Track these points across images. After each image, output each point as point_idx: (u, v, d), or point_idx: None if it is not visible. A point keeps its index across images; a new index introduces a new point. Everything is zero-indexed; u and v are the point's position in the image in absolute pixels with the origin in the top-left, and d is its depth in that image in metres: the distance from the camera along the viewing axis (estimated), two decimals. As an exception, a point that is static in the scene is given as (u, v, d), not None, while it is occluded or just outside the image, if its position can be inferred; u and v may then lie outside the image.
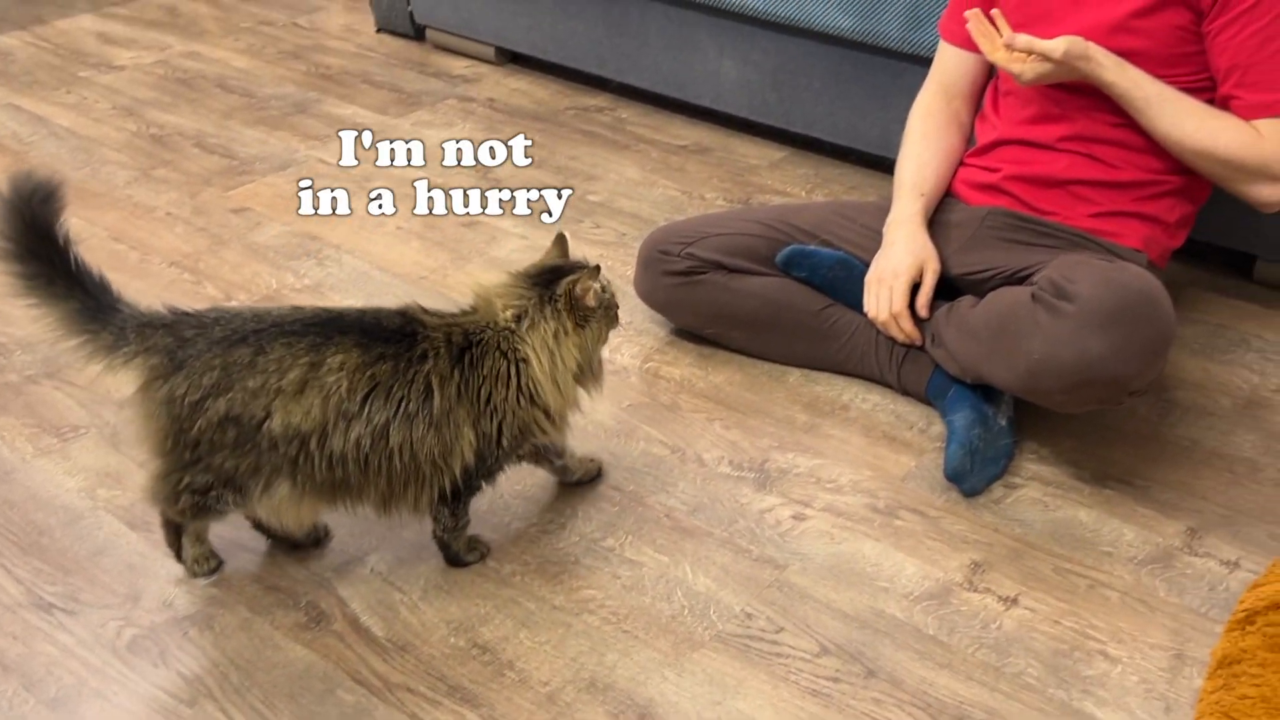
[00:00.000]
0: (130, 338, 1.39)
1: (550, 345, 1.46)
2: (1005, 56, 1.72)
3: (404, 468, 1.42)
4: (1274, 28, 1.63)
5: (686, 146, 2.67)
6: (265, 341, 1.38)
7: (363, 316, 1.44)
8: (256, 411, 1.37)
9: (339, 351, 1.38)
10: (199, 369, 1.37)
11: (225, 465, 1.40)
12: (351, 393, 1.38)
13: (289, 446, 1.39)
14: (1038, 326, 1.57)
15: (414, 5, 3.14)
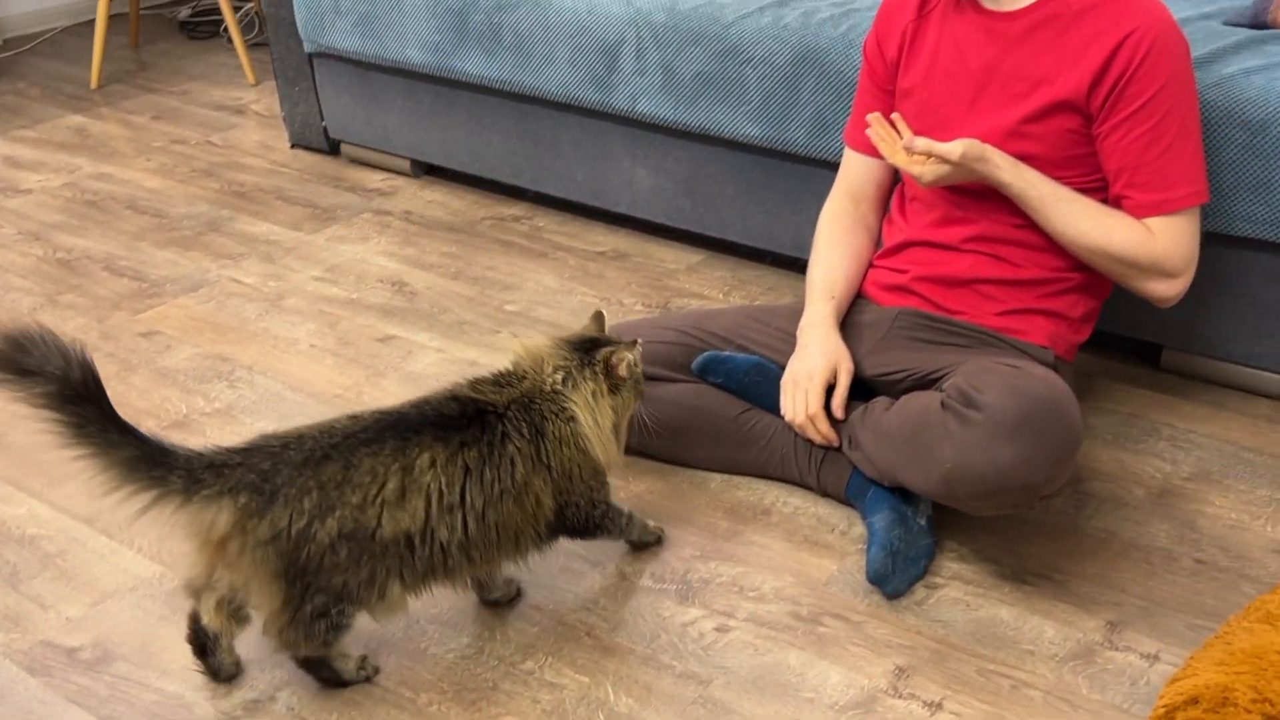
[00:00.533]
0: (206, 478, 1.35)
1: (590, 403, 1.55)
2: (905, 159, 1.76)
3: (501, 538, 1.50)
4: (1159, 130, 1.69)
5: (604, 253, 2.69)
6: (349, 455, 1.40)
7: (424, 411, 1.48)
8: (368, 524, 1.40)
9: (423, 450, 1.43)
10: (295, 494, 1.37)
11: (341, 582, 1.41)
12: (450, 486, 1.44)
13: (399, 548, 1.42)
14: (948, 435, 1.59)
15: (328, 120, 3.16)
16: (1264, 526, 1.80)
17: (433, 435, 1.44)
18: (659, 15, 2.44)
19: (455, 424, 1.47)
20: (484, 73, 2.72)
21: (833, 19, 2.29)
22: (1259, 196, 1.92)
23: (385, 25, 2.83)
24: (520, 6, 2.61)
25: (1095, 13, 1.70)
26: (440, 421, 1.46)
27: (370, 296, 2.53)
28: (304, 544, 1.36)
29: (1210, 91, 1.92)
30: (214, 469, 1.37)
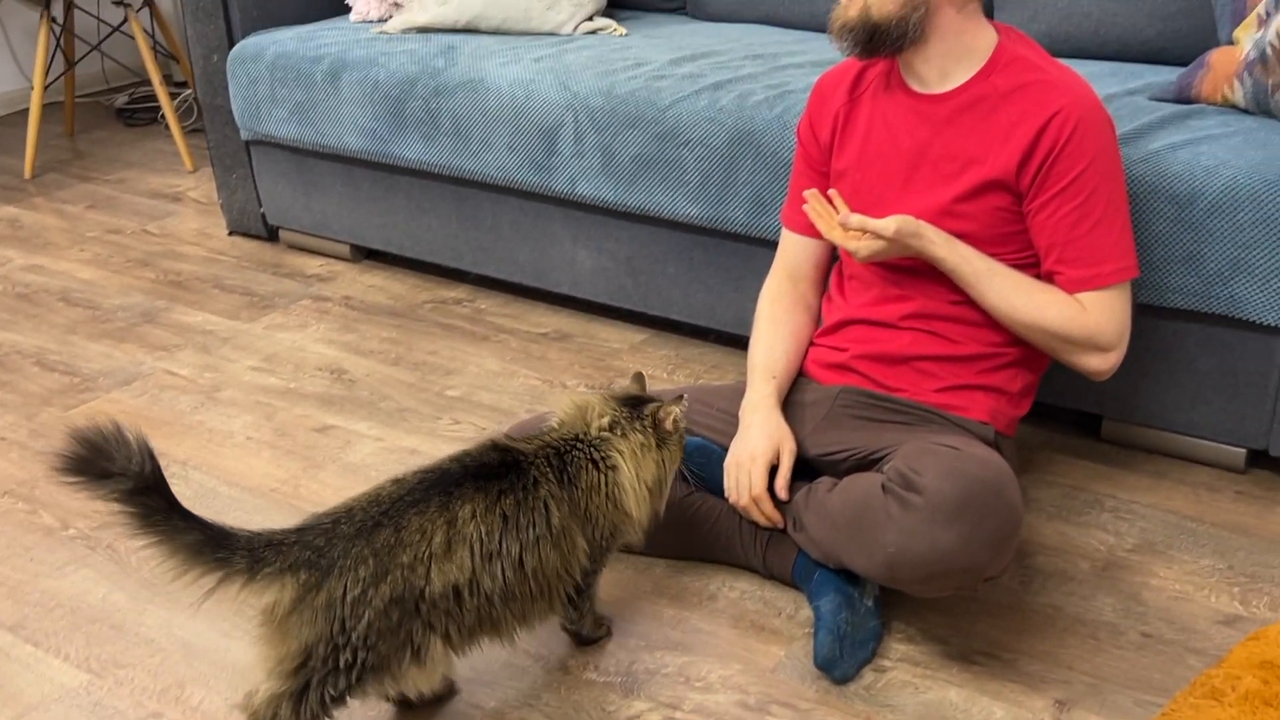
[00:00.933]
0: (268, 556, 1.39)
1: (637, 454, 1.58)
2: (841, 235, 1.78)
3: (538, 587, 1.51)
4: (1086, 207, 1.72)
5: (547, 334, 2.68)
6: (398, 518, 1.43)
7: (464, 464, 1.51)
8: (417, 583, 1.42)
9: (465, 502, 1.46)
10: (351, 564, 1.40)
11: (381, 650, 1.41)
12: (490, 534, 1.46)
13: (448, 603, 1.44)
14: (890, 519, 1.58)
15: (266, 207, 3.14)
16: (1208, 597, 1.80)
17: (474, 486, 1.48)
18: (596, 99, 2.46)
19: (495, 472, 1.51)
20: (423, 157, 2.72)
21: (767, 101, 2.32)
22: (1189, 269, 1.95)
23: (322, 113, 2.83)
24: (457, 93, 2.62)
25: (1021, 94, 1.74)
26: (480, 472, 1.50)
27: (308, 385, 2.50)
28: (362, 610, 1.39)
29: (1137, 167, 1.96)
30: (273, 547, 1.40)
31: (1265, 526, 1.96)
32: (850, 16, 1.74)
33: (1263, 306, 1.92)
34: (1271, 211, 1.87)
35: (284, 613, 1.39)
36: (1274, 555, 1.89)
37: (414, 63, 2.70)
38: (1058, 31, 2.52)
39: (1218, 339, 2.00)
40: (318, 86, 2.81)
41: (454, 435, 2.29)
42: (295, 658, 1.39)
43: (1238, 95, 2.11)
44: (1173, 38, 2.42)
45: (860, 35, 1.74)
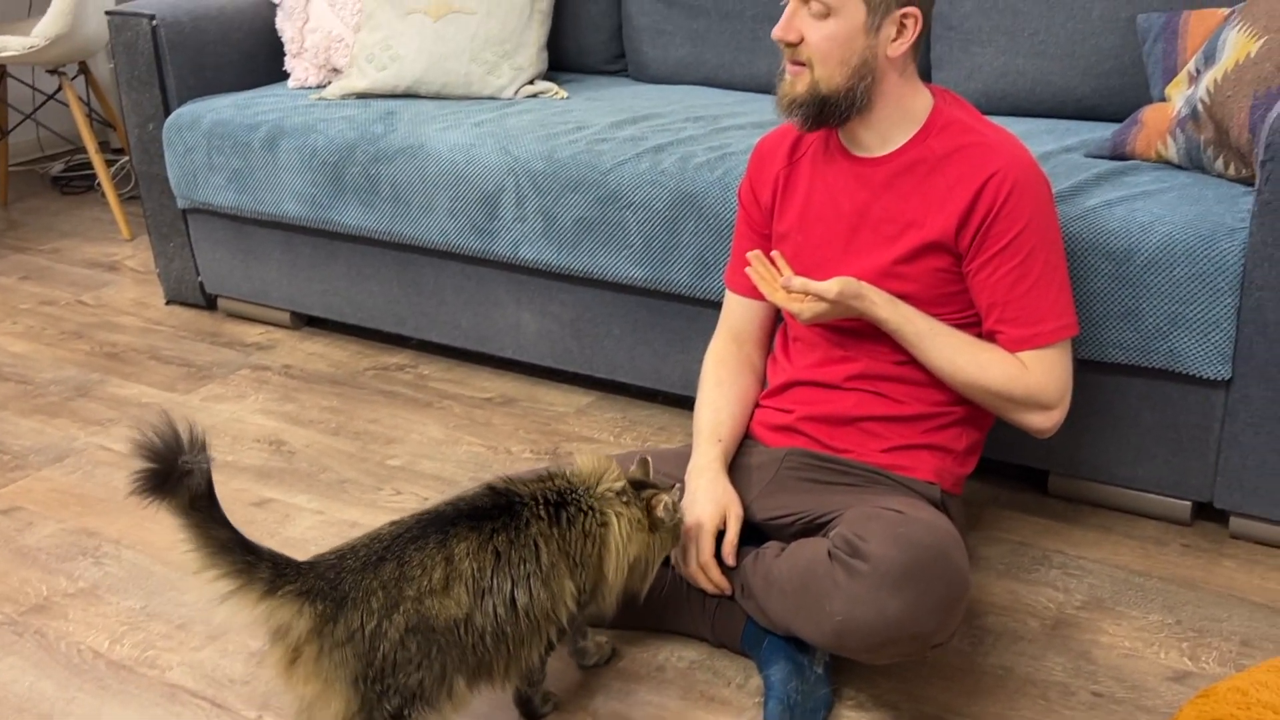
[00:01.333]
0: (289, 575, 1.41)
1: (629, 526, 1.61)
2: (784, 297, 1.77)
3: (528, 627, 1.52)
4: (1025, 267, 1.72)
5: (491, 399, 2.65)
6: (400, 553, 1.46)
7: (459, 506, 1.54)
8: (427, 614, 1.44)
9: (460, 540, 1.49)
10: (362, 596, 1.42)
11: (418, 681, 1.44)
12: (482, 571, 1.48)
13: (454, 638, 1.46)
14: (837, 587, 1.56)
15: (204, 275, 3.10)
16: (1157, 654, 1.79)
17: (468, 525, 1.51)
18: (537, 163, 2.45)
19: (488, 513, 1.54)
20: (363, 224, 2.70)
21: (709, 163, 2.32)
22: (1128, 324, 1.97)
23: (260, 180, 2.80)
24: (397, 158, 2.61)
25: (958, 156, 1.75)
26: (474, 512, 1.53)
27: (246, 458, 2.44)
28: (378, 643, 1.41)
29: (1075, 224, 1.97)
30: (294, 568, 1.43)
31: (1212, 579, 1.96)
32: (799, 92, 1.74)
33: (1201, 360, 1.93)
34: (1206, 266, 1.89)
35: (298, 640, 1.40)
36: (1221, 609, 1.89)
37: (353, 129, 2.69)
38: (994, 90, 2.55)
39: (1159, 393, 2.01)
40: (255, 154, 2.79)
41: (396, 506, 2.25)
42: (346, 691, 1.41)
43: (1171, 151, 2.14)
44: (1107, 95, 2.45)
45: (810, 109, 1.74)
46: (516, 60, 2.87)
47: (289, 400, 2.68)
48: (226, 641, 1.89)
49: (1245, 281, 1.88)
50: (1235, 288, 1.89)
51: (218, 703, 1.76)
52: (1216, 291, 1.90)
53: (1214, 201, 1.97)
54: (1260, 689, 1.47)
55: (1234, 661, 1.77)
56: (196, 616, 1.95)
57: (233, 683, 1.80)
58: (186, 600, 1.99)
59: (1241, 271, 1.88)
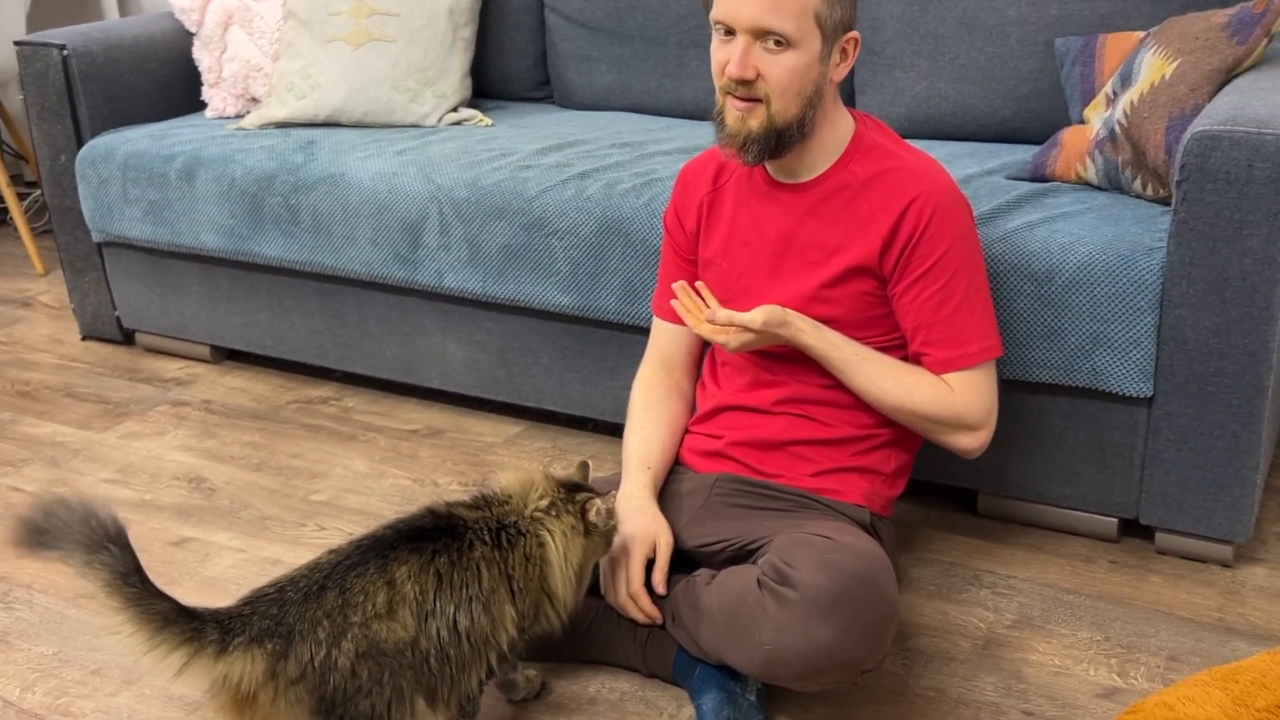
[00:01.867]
0: (235, 628, 1.39)
1: (566, 536, 1.60)
2: (710, 329, 1.76)
3: (469, 651, 1.52)
4: (948, 290, 1.73)
5: (418, 431, 2.61)
6: (341, 581, 1.45)
7: (398, 529, 1.53)
8: (376, 638, 1.43)
9: (401, 562, 1.48)
10: (309, 628, 1.41)
11: (365, 707, 1.42)
12: (424, 593, 1.48)
13: (406, 660, 1.45)
14: (766, 615, 1.55)
15: (121, 310, 3.03)
16: (1087, 671, 1.80)
17: (408, 548, 1.50)
18: (461, 191, 2.43)
19: (428, 534, 1.53)
20: (283, 255, 2.65)
21: (634, 189, 2.31)
22: (1051, 344, 1.98)
23: (177, 212, 2.74)
24: (317, 188, 2.57)
25: (879, 182, 1.75)
26: (413, 534, 1.52)
27: (165, 496, 2.38)
28: (329, 674, 1.40)
29: (997, 245, 1.99)
30: (237, 619, 1.40)
31: (1139, 595, 1.97)
32: (753, 128, 1.70)
33: (1123, 378, 1.95)
34: (1126, 286, 1.91)
35: (256, 685, 1.38)
36: (1149, 624, 1.90)
37: (272, 158, 2.64)
38: (917, 114, 2.58)
39: (1083, 411, 2.03)
40: (172, 185, 2.73)
41: (319, 542, 2.20)
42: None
43: (1090, 172, 2.17)
44: (1027, 118, 2.49)
45: (766, 144, 1.72)
46: (439, 87, 2.85)
47: (209, 436, 2.62)
48: (143, 686, 1.83)
49: (1164, 300, 1.91)
50: (1155, 306, 1.91)
51: (134, 750, 1.70)
52: (1136, 310, 1.92)
53: (1132, 222, 1.99)
54: (1187, 704, 1.48)
55: (1162, 676, 1.78)
56: (112, 661, 1.89)
57: (149, 729, 1.75)
58: (101, 645, 1.92)
59: (1160, 290, 1.90)
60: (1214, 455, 1.95)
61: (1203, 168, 1.82)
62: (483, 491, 1.64)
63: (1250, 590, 1.97)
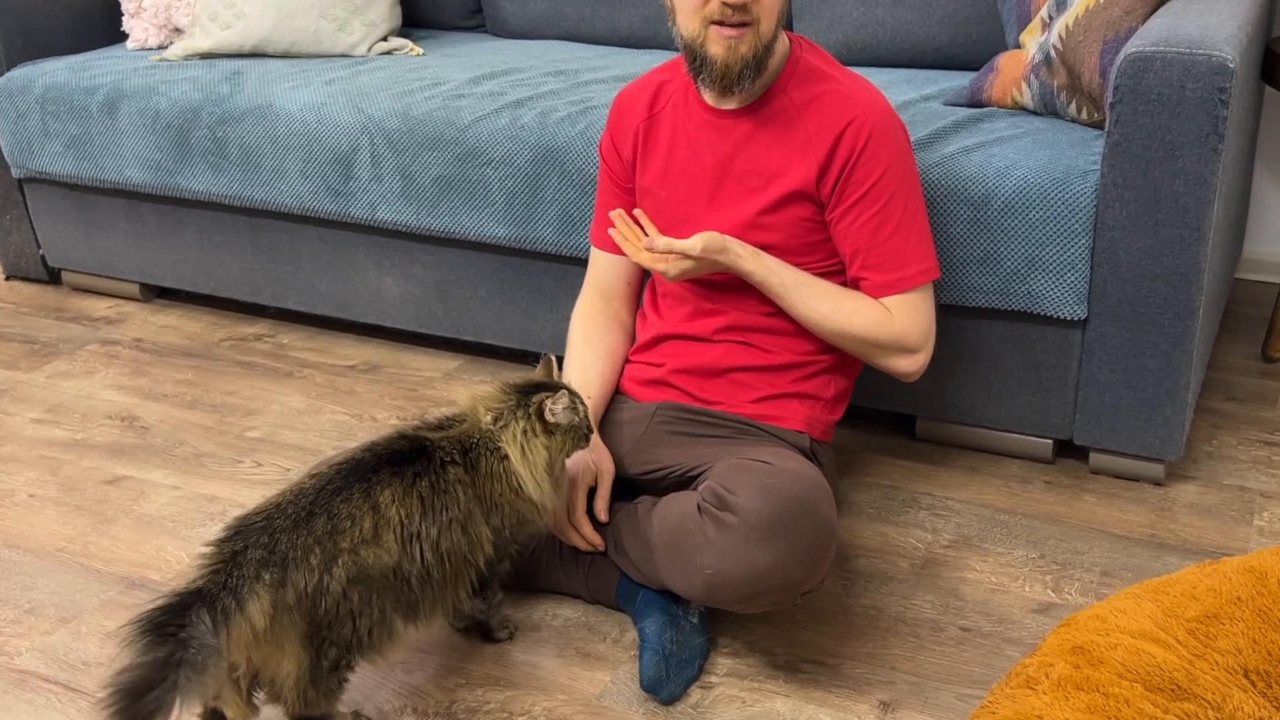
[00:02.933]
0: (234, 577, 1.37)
1: (520, 440, 1.58)
2: (649, 258, 1.75)
3: (451, 571, 1.54)
4: (886, 213, 1.73)
5: (354, 366, 2.58)
6: (328, 506, 1.46)
7: (377, 453, 1.53)
8: (365, 563, 1.45)
9: (384, 487, 1.49)
10: (301, 555, 1.42)
11: (351, 629, 1.45)
12: (409, 517, 1.49)
13: (391, 582, 1.48)
14: (707, 541, 1.55)
15: (46, 248, 2.95)
16: (1022, 587, 1.83)
17: (390, 472, 1.51)
18: (392, 121, 2.38)
19: (406, 458, 1.53)
20: (211, 189, 2.59)
21: (570, 117, 2.28)
22: (987, 268, 1.99)
23: (100, 146, 2.67)
24: (245, 120, 2.51)
25: (816, 105, 1.74)
26: (393, 458, 1.53)
27: (97, 435, 2.33)
28: (321, 599, 1.42)
29: (934, 171, 1.99)
30: (232, 565, 1.38)
31: (1074, 514, 2.01)
32: (744, 53, 1.68)
33: (1058, 301, 1.97)
34: (1060, 209, 1.92)
35: (267, 621, 1.38)
36: (1083, 542, 1.93)
37: (197, 90, 2.57)
38: (854, 41, 2.56)
39: (1019, 335, 2.05)
40: (94, 119, 2.65)
41: (257, 478, 2.17)
42: (298, 649, 1.42)
43: (1026, 97, 2.17)
44: (964, 43, 2.48)
45: (753, 67, 1.70)
46: (368, 16, 2.78)
47: (141, 375, 2.57)
48: (79, 624, 1.80)
49: (1098, 223, 1.92)
50: (1089, 229, 1.93)
51: (71, 687, 1.68)
52: (1071, 233, 1.93)
53: (1067, 145, 2.00)
54: (1118, 615, 1.51)
55: (1095, 591, 1.82)
56: (47, 600, 1.86)
57: (87, 665, 1.72)
58: (35, 585, 1.89)
59: (1094, 213, 1.92)
60: (1147, 376, 1.98)
61: (1136, 89, 1.82)
62: (443, 416, 1.64)
63: (1181, 507, 2.01)
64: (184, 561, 1.94)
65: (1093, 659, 1.43)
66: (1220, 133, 1.80)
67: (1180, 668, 1.42)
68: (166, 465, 2.23)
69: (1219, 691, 1.40)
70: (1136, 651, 1.43)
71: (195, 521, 2.05)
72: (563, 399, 1.60)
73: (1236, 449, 2.17)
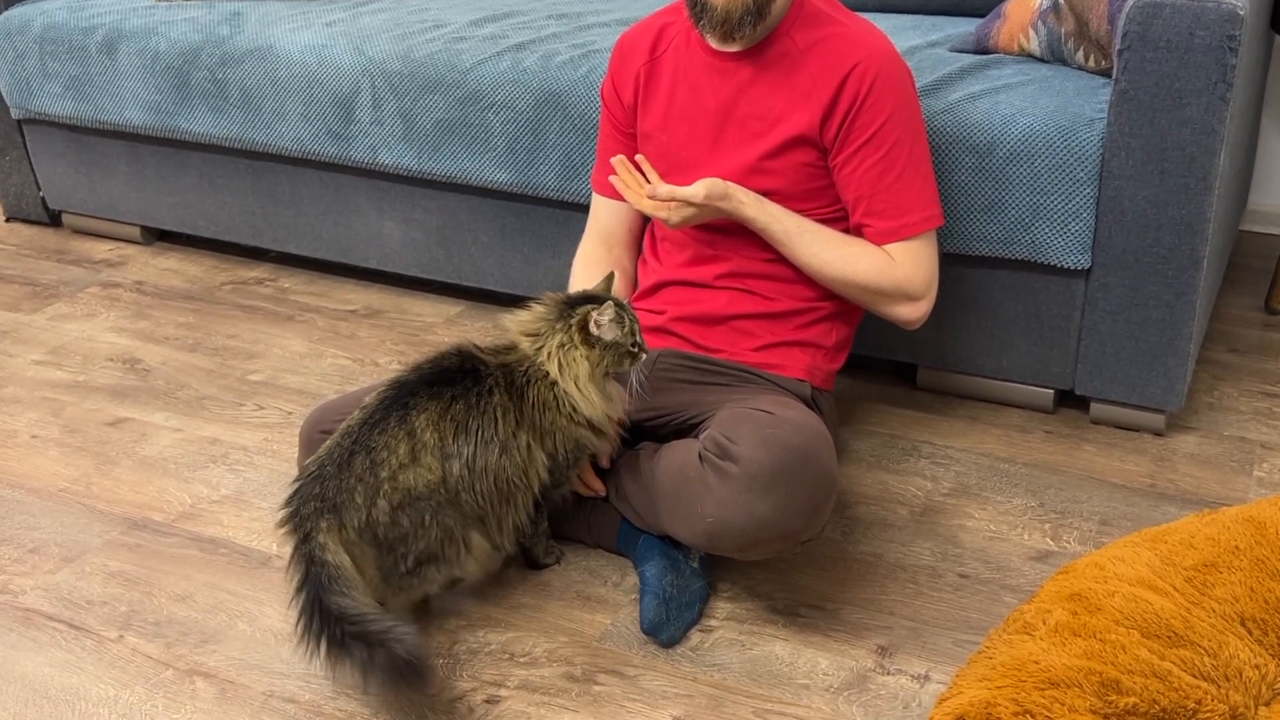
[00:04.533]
0: (305, 518, 1.51)
1: (558, 355, 1.60)
2: (651, 205, 1.74)
3: (496, 491, 1.59)
4: (890, 159, 1.72)
5: (356, 311, 2.58)
6: (366, 441, 1.54)
7: (421, 371, 1.60)
8: (408, 488, 1.53)
9: (420, 411, 1.55)
10: (348, 496, 1.52)
11: (417, 546, 1.55)
12: (443, 438, 1.55)
13: (443, 499, 1.55)
14: (708, 489, 1.56)
15: (46, 190, 2.94)
16: (1021, 535, 1.84)
17: (427, 394, 1.57)
18: (394, 64, 2.36)
19: (450, 378, 1.59)
20: (212, 131, 2.57)
21: (572, 61, 2.26)
22: (991, 216, 1.98)
23: (99, 87, 2.65)
24: (245, 61, 2.49)
25: (820, 49, 1.72)
26: (435, 378, 1.58)
27: (99, 377, 2.34)
28: (376, 528, 1.53)
29: (939, 118, 1.97)
30: (299, 512, 1.52)
31: (1073, 464, 2.01)
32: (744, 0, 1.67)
33: (1061, 250, 1.96)
34: (1066, 158, 1.91)
35: (344, 553, 1.51)
36: (1082, 491, 1.94)
37: (197, 31, 2.55)
38: (859, -14, 2.53)
39: (1021, 284, 2.04)
40: (93, 59, 2.63)
41: (258, 421, 2.18)
42: (374, 567, 1.55)
43: (1033, 44, 2.15)
44: (970, -11, 2.46)
45: (758, 14, 1.69)
46: (371, -42, 2.75)
47: (142, 317, 2.56)
48: (83, 564, 1.82)
49: (1103, 171, 1.91)
50: (1094, 178, 1.91)
51: (76, 625, 1.69)
52: (1076, 182, 1.92)
53: (1074, 93, 1.99)
54: (1116, 563, 1.52)
55: (1093, 540, 1.82)
56: (50, 539, 1.87)
57: (91, 604, 1.73)
58: (39, 524, 1.90)
59: (1100, 162, 1.91)
60: (1149, 326, 1.97)
61: (1144, 36, 1.81)
62: (501, 341, 1.67)
63: (1181, 458, 2.02)
64: (186, 503, 1.95)
65: (1090, 606, 1.44)
66: (1229, 81, 1.78)
67: (1177, 615, 1.43)
68: (168, 408, 2.23)
69: (1215, 639, 1.41)
70: (1134, 599, 1.44)
71: (197, 464, 2.05)
72: (609, 311, 1.60)
73: (1237, 400, 2.17)
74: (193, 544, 1.86)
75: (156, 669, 1.61)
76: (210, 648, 1.65)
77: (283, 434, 2.13)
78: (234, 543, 1.86)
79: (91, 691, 1.58)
